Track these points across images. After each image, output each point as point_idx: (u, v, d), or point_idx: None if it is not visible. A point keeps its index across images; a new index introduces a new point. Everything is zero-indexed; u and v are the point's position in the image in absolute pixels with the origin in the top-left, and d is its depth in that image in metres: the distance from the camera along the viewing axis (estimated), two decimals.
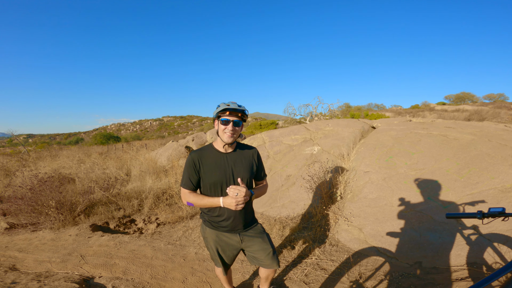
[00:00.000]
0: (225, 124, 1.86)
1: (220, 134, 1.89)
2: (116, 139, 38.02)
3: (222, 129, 1.87)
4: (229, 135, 1.88)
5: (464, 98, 40.10)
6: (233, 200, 1.80)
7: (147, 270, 3.21)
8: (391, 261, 2.97)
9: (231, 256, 2.18)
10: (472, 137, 4.48)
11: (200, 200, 1.91)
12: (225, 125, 1.86)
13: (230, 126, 1.86)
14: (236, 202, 1.80)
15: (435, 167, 4.01)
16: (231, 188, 1.84)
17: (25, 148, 17.14)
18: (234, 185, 1.86)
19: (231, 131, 1.87)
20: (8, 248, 4.02)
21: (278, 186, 5.23)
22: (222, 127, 1.87)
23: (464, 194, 3.39)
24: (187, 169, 1.92)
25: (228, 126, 1.86)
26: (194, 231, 4.28)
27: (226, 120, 1.85)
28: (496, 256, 2.60)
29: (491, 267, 2.54)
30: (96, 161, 10.03)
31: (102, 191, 5.83)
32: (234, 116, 1.86)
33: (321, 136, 6.48)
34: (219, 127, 1.89)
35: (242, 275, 3.03)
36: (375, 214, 3.64)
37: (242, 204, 1.83)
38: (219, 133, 1.90)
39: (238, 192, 1.81)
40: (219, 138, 1.94)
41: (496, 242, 2.71)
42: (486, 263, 2.59)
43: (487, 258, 2.63)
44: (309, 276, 2.87)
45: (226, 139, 1.89)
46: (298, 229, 3.87)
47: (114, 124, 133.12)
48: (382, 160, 4.56)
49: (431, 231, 3.12)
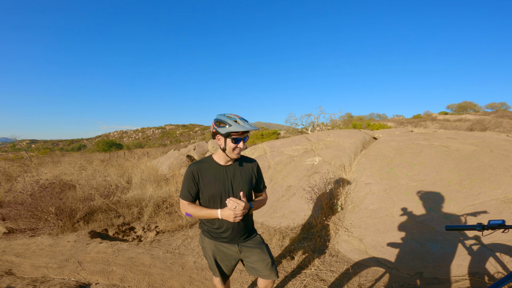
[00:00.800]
0: (237, 143, 1.83)
1: (229, 151, 1.85)
2: (118, 146, 38.15)
3: (232, 148, 1.83)
4: (238, 152, 1.87)
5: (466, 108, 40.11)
6: (231, 213, 1.78)
7: (144, 278, 3.18)
8: (391, 271, 2.93)
9: (229, 266, 2.15)
10: (474, 148, 4.47)
11: (198, 212, 1.90)
12: (236, 143, 1.83)
13: (241, 144, 1.84)
14: (235, 214, 1.79)
15: (436, 178, 3.99)
16: (230, 200, 1.82)
17: (28, 153, 17.21)
18: (233, 198, 1.85)
19: (241, 149, 1.86)
20: (5, 253, 4.00)
21: (278, 197, 5.20)
22: (233, 145, 1.82)
23: (466, 205, 3.36)
24: (186, 181, 1.91)
25: (239, 144, 1.84)
26: (194, 240, 4.25)
27: (239, 139, 1.82)
28: (498, 266, 2.58)
29: (493, 277, 2.51)
30: (97, 168, 10.05)
31: (102, 198, 5.83)
32: (244, 134, 1.84)
33: (322, 146, 6.48)
34: (227, 145, 1.83)
35: (240, 285, 2.98)
36: (375, 225, 3.60)
37: (240, 216, 1.81)
38: (227, 151, 1.86)
39: (237, 205, 1.79)
40: (223, 153, 1.91)
41: (498, 252, 2.69)
42: (488, 273, 2.56)
43: (489, 268, 2.60)
44: (308, 287, 2.83)
45: (236, 156, 1.88)
46: (298, 240, 3.84)
47: (116, 132, 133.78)
48: (383, 171, 4.55)
49: (432, 241, 3.08)
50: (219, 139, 1.87)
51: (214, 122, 1.86)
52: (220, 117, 1.82)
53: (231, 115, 1.83)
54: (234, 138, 1.79)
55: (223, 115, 1.83)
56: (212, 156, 2.00)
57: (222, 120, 1.79)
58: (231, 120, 1.78)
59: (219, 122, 1.82)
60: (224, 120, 1.78)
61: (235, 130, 1.75)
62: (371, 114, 42.28)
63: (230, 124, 1.76)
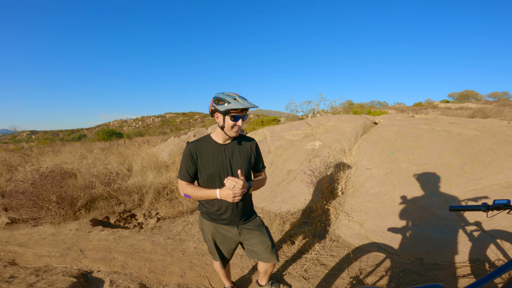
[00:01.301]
0: (235, 120, 1.80)
1: (228, 129, 1.83)
2: (118, 135, 38.13)
3: (231, 125, 1.81)
4: (237, 130, 1.85)
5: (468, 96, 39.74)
6: (230, 192, 1.77)
7: (145, 265, 3.20)
8: (392, 257, 2.94)
9: (229, 249, 2.15)
10: (475, 133, 4.41)
11: (197, 192, 1.88)
12: (235, 121, 1.80)
13: (240, 122, 1.81)
14: (234, 194, 1.77)
15: (437, 162, 3.95)
16: (228, 180, 1.80)
17: (28, 144, 17.21)
18: (231, 177, 1.83)
19: (240, 126, 1.84)
20: (8, 243, 4.03)
21: (278, 181, 5.19)
22: (231, 123, 1.80)
23: (467, 190, 3.34)
24: (185, 160, 1.88)
25: (238, 122, 1.81)
26: (194, 226, 4.27)
27: (237, 116, 1.79)
28: (499, 253, 2.56)
29: (494, 264, 2.49)
30: (98, 156, 10.04)
31: (103, 186, 5.83)
32: (243, 112, 1.81)
33: (322, 131, 6.43)
34: (226, 122, 1.80)
35: (241, 270, 3.00)
36: (376, 209, 3.60)
37: (240, 196, 1.79)
38: (225, 128, 1.83)
39: (235, 184, 1.77)
40: (221, 131, 1.88)
41: (499, 239, 2.67)
42: (489, 260, 2.55)
43: (490, 255, 2.58)
44: (308, 272, 2.85)
45: (234, 134, 1.86)
46: (299, 224, 3.84)
47: (116, 121, 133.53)
48: (384, 155, 4.51)
49: (433, 226, 3.08)
50: (217, 117, 1.84)
51: (212, 100, 1.82)
52: (219, 95, 1.79)
53: (230, 93, 1.79)
54: (233, 115, 1.77)
55: (222, 93, 1.79)
56: (210, 135, 1.97)
57: (221, 97, 1.76)
58: (230, 98, 1.74)
59: (217, 100, 1.78)
60: (223, 98, 1.75)
61: (234, 107, 1.72)
62: (372, 101, 41.98)
63: (229, 101, 1.73)
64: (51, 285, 2.60)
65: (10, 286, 2.58)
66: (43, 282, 2.66)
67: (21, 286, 2.58)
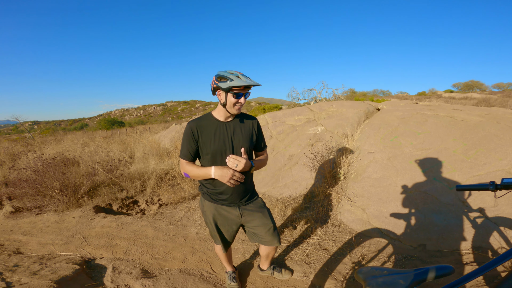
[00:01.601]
0: (238, 98, 1.78)
1: (230, 107, 1.80)
2: (120, 124, 38.13)
3: (233, 102, 1.78)
4: (239, 107, 1.82)
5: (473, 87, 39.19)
6: (228, 173, 1.74)
7: (147, 251, 3.22)
8: (394, 243, 2.93)
9: (230, 231, 2.13)
10: (480, 119, 4.34)
11: (193, 170, 1.86)
12: (238, 98, 1.78)
13: (242, 99, 1.79)
14: (231, 175, 1.75)
15: (441, 147, 3.90)
16: (230, 158, 1.78)
17: (30, 133, 17.26)
18: (233, 155, 1.80)
19: (242, 104, 1.82)
20: (12, 232, 4.06)
21: (280, 166, 5.18)
22: (234, 100, 1.77)
23: (470, 175, 3.29)
24: (186, 139, 1.86)
25: (240, 99, 1.79)
26: (196, 212, 4.28)
27: (240, 94, 1.76)
28: (502, 240, 2.54)
29: (497, 251, 2.47)
30: (100, 144, 10.06)
31: (105, 172, 5.84)
32: (246, 89, 1.78)
33: (324, 116, 6.36)
34: (228, 100, 1.77)
35: (242, 255, 3.02)
36: (378, 194, 3.57)
37: (237, 179, 1.77)
38: (227, 106, 1.80)
39: (238, 163, 1.75)
40: (223, 109, 1.85)
41: (502, 226, 2.64)
42: (492, 247, 2.52)
43: (493, 243, 2.56)
44: (310, 256, 2.85)
45: (236, 111, 1.84)
46: (300, 209, 3.84)
47: (118, 110, 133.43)
48: (387, 140, 4.46)
49: (436, 212, 3.05)
50: (219, 94, 1.81)
51: (215, 78, 1.79)
52: (221, 72, 1.76)
53: (233, 71, 1.76)
54: (236, 93, 1.74)
55: (224, 71, 1.76)
56: (212, 113, 1.94)
57: (224, 75, 1.73)
58: (233, 75, 1.72)
59: (220, 78, 1.75)
60: (226, 75, 1.72)
61: (237, 85, 1.69)
62: (374, 90, 41.52)
63: (231, 79, 1.71)
64: (54, 273, 2.62)
65: (14, 275, 2.60)
66: (46, 270, 2.68)
67: (25, 274, 2.60)
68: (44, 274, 2.59)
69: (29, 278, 2.52)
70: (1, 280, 2.48)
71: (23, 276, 2.56)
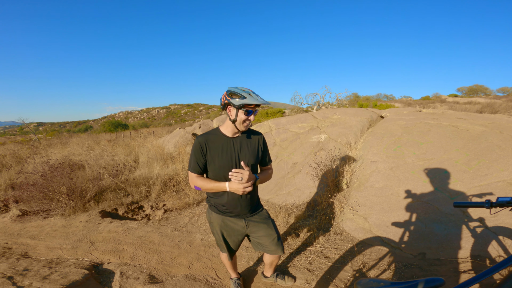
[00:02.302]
0: (248, 115, 1.85)
1: (239, 123, 1.87)
2: (124, 126, 38.40)
3: (243, 119, 1.85)
4: (247, 124, 1.90)
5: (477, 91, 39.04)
6: (240, 186, 1.81)
7: (154, 256, 3.29)
8: (395, 251, 2.98)
9: (236, 241, 2.21)
10: (483, 129, 4.38)
11: (207, 184, 1.93)
12: (248, 115, 1.85)
13: (252, 117, 1.87)
14: (244, 186, 1.82)
15: (444, 157, 3.95)
16: (233, 172, 1.85)
17: (36, 135, 17.45)
18: (236, 169, 1.87)
19: (251, 121, 1.89)
20: (20, 236, 4.14)
21: (284, 174, 5.24)
22: (244, 117, 1.84)
23: (472, 186, 3.34)
24: (195, 153, 1.93)
25: (250, 117, 1.86)
26: (200, 218, 4.35)
27: (250, 111, 1.84)
28: (500, 249, 2.58)
29: (495, 260, 2.52)
30: (105, 148, 10.16)
31: (111, 177, 5.93)
32: (256, 107, 1.87)
33: (328, 124, 6.42)
34: (238, 117, 1.84)
35: (246, 262, 3.08)
36: (381, 204, 3.63)
37: (250, 187, 1.84)
38: (237, 122, 1.87)
39: (242, 176, 1.82)
40: (231, 125, 1.92)
41: (501, 235, 2.69)
42: (490, 256, 2.57)
43: (491, 251, 2.61)
44: (312, 264, 2.91)
45: (244, 128, 1.91)
46: (303, 217, 3.89)
47: (122, 112, 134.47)
48: (390, 150, 4.51)
49: (436, 222, 3.10)
50: (230, 110, 1.88)
51: (226, 94, 1.86)
52: (233, 89, 1.83)
53: (244, 88, 1.84)
54: (247, 110, 1.82)
55: (236, 87, 1.83)
56: (219, 128, 2.01)
57: (236, 92, 1.80)
58: (245, 93, 1.79)
59: (231, 94, 1.82)
60: (238, 92, 1.80)
61: (249, 103, 1.77)
62: (378, 94, 41.49)
63: (244, 96, 1.78)
64: (64, 277, 2.69)
65: (25, 279, 2.65)
66: (56, 275, 2.75)
67: (35, 278, 2.66)
68: (55, 279, 2.66)
69: (40, 282, 2.59)
70: (12, 284, 2.54)
71: (34, 281, 2.63)
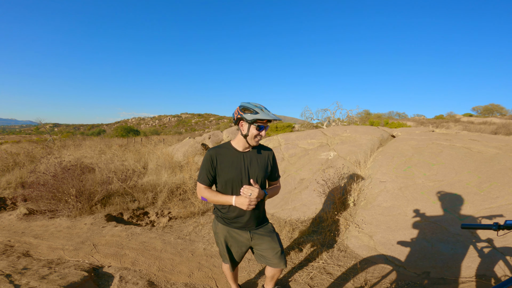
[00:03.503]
0: (260, 130, 1.89)
1: (250, 138, 1.91)
2: (135, 132, 39.09)
3: (255, 134, 1.89)
4: (259, 140, 1.94)
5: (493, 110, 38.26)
6: (246, 200, 1.83)
7: (155, 262, 3.28)
8: (398, 269, 2.90)
9: (239, 253, 2.21)
10: (496, 151, 4.29)
11: (214, 197, 1.95)
12: (260, 131, 1.89)
13: (263, 132, 1.91)
14: (249, 202, 1.83)
15: (455, 179, 3.87)
16: (244, 188, 1.88)
17: (51, 136, 17.91)
18: (247, 185, 1.90)
19: (262, 137, 1.93)
20: (24, 234, 4.18)
21: (290, 189, 5.20)
22: (255, 132, 1.88)
23: (482, 208, 3.26)
24: (205, 165, 1.97)
25: (262, 132, 1.90)
26: (205, 227, 4.33)
27: (262, 126, 1.88)
28: (507, 269, 2.53)
29: (500, 279, 2.46)
30: (116, 152, 10.35)
31: (119, 182, 6.00)
32: (267, 123, 1.91)
33: (338, 141, 6.39)
34: (250, 131, 1.88)
35: (247, 274, 3.04)
36: (387, 223, 3.55)
37: (254, 205, 1.86)
38: (248, 137, 1.91)
39: (252, 192, 1.85)
40: (243, 139, 1.96)
41: (509, 256, 2.64)
42: (496, 275, 2.52)
43: (497, 271, 2.55)
44: (314, 279, 2.85)
45: (255, 143, 1.95)
46: (308, 233, 3.84)
47: (135, 118, 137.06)
48: (400, 170, 4.45)
49: (443, 242, 3.03)
50: (242, 125, 1.92)
51: (239, 109, 1.90)
52: (246, 104, 1.88)
53: (257, 104, 1.89)
54: (259, 125, 1.86)
55: (248, 103, 1.88)
56: (231, 142, 2.05)
57: (249, 107, 1.85)
58: (258, 108, 1.84)
59: (244, 109, 1.87)
60: (251, 108, 1.84)
61: (261, 118, 1.81)
62: (390, 112, 41.08)
63: (256, 111, 1.83)
64: (63, 278, 2.68)
65: (23, 278, 2.66)
66: (55, 275, 2.75)
67: (33, 278, 2.66)
68: (53, 279, 2.66)
69: (37, 282, 2.59)
70: (9, 283, 2.53)
71: (32, 280, 2.62)
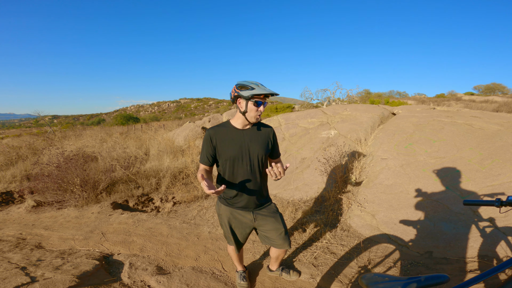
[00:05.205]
0: (258, 106, 1.89)
1: (249, 115, 1.91)
2: (135, 120, 38.98)
3: (254, 110, 1.89)
4: (258, 116, 1.93)
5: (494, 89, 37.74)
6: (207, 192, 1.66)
7: (162, 248, 3.36)
8: (401, 249, 2.95)
9: (243, 234, 2.25)
10: (498, 128, 4.27)
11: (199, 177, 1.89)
12: (258, 106, 1.89)
13: (261, 108, 1.90)
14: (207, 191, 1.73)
15: (456, 156, 3.87)
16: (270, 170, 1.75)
17: (51, 128, 17.90)
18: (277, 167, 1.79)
19: (261, 112, 1.92)
20: (34, 226, 4.27)
21: (292, 169, 5.24)
22: (254, 108, 1.88)
23: (484, 185, 3.27)
24: (205, 145, 1.98)
25: (260, 108, 1.90)
26: (209, 211, 4.40)
27: (260, 102, 1.87)
28: (509, 249, 2.54)
29: (502, 260, 2.48)
30: (117, 140, 10.37)
31: (123, 169, 6.05)
32: (265, 98, 1.90)
33: (338, 120, 6.36)
34: (248, 108, 1.88)
35: (252, 255, 3.11)
36: (389, 201, 3.59)
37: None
38: (247, 114, 1.91)
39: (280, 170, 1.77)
40: (242, 116, 1.95)
41: (510, 236, 2.64)
42: (498, 256, 2.54)
43: (499, 251, 2.57)
44: (318, 259, 2.92)
45: (255, 120, 1.95)
46: (311, 212, 3.90)
47: (133, 106, 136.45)
48: (401, 147, 4.45)
49: (446, 221, 3.06)
50: (240, 102, 1.92)
51: (235, 87, 1.90)
52: (242, 82, 1.88)
53: (253, 81, 1.88)
54: (256, 101, 1.85)
55: (244, 80, 1.89)
56: (230, 121, 2.04)
57: (245, 84, 1.85)
58: (254, 84, 1.84)
59: (241, 87, 1.87)
60: (247, 84, 1.85)
61: (258, 93, 1.81)
62: (390, 91, 40.55)
63: (252, 87, 1.83)
64: (76, 268, 2.77)
65: (38, 270, 2.74)
66: (68, 265, 2.84)
67: (48, 269, 2.75)
68: (66, 269, 2.74)
69: (52, 273, 2.67)
70: (25, 275, 2.62)
71: (47, 271, 2.71)
